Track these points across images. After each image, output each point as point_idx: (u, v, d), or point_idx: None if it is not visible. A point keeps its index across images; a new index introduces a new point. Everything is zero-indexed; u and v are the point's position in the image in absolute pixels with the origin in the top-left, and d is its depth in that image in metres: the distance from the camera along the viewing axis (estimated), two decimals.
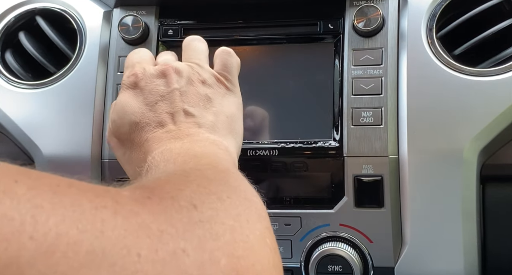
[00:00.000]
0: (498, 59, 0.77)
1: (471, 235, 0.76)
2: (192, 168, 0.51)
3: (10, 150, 0.89)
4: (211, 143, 0.61)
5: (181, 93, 0.65)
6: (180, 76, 0.66)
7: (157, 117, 0.64)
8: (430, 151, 0.75)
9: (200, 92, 0.66)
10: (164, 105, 0.64)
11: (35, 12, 0.91)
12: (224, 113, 0.66)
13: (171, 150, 0.58)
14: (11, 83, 0.87)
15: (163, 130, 0.63)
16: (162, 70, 0.66)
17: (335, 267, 0.74)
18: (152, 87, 0.65)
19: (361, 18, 0.79)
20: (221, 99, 0.67)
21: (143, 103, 0.65)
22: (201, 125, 0.63)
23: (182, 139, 0.61)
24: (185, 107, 0.64)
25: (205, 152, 0.58)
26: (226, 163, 0.56)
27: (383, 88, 0.77)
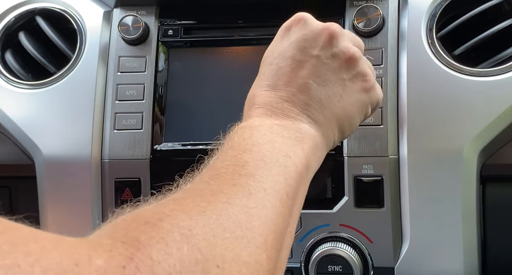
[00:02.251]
0: (498, 59, 0.77)
1: (471, 235, 0.76)
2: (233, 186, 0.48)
3: (10, 150, 0.89)
4: (297, 139, 0.57)
5: (318, 63, 0.62)
6: (334, 46, 0.63)
7: (275, 76, 0.62)
8: (430, 151, 0.75)
9: (338, 75, 0.63)
10: (292, 66, 0.62)
11: (35, 12, 0.91)
12: (343, 108, 0.63)
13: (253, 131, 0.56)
14: (11, 83, 0.87)
15: (272, 95, 0.61)
16: (323, 28, 0.63)
17: (335, 267, 0.74)
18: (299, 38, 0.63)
19: (361, 18, 0.79)
20: (351, 93, 0.64)
21: (279, 51, 0.63)
22: (306, 109, 0.61)
23: (276, 119, 0.59)
24: (308, 81, 0.61)
25: (274, 155, 0.54)
26: (285, 176, 0.53)
27: (383, 88, 0.77)
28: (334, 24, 0.64)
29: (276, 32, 0.83)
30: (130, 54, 0.85)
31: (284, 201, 0.51)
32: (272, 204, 0.49)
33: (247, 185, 0.49)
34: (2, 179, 0.95)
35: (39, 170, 0.83)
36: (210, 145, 0.78)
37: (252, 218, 0.46)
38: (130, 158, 0.81)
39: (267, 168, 0.52)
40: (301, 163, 0.56)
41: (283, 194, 0.51)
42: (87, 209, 0.81)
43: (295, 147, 0.57)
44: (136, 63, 0.84)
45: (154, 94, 0.83)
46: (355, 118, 0.65)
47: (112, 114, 0.82)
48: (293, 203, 0.54)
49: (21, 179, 0.94)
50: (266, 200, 0.48)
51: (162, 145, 0.81)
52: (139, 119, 0.82)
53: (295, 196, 0.54)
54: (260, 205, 0.47)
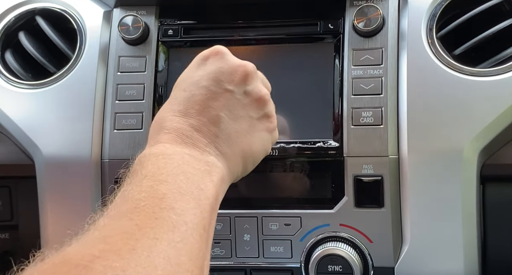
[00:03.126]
0: (498, 59, 0.77)
1: (471, 235, 0.76)
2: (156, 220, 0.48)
3: (10, 150, 0.89)
4: (206, 171, 0.58)
5: (231, 97, 0.64)
6: (247, 84, 0.65)
7: (188, 103, 0.62)
8: (430, 151, 0.75)
9: (249, 112, 0.65)
10: (206, 96, 0.62)
11: (35, 12, 0.91)
12: (249, 146, 0.65)
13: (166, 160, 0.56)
14: (11, 83, 0.87)
15: (183, 121, 0.61)
16: (239, 65, 0.65)
17: (335, 267, 0.74)
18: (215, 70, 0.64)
19: (361, 18, 0.79)
20: (258, 131, 0.66)
21: (193, 80, 0.64)
22: (215, 141, 0.61)
23: (185, 148, 0.59)
24: (220, 113, 0.62)
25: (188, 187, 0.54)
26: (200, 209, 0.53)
27: (383, 88, 0.77)
28: (249, 63, 0.67)
29: (276, 32, 0.84)
30: (130, 54, 0.85)
31: (202, 235, 0.51)
32: (194, 238, 0.49)
33: (169, 218, 0.48)
34: (2, 179, 0.95)
35: (39, 170, 0.83)
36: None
37: (180, 252, 0.46)
38: (130, 158, 0.81)
39: (184, 200, 0.52)
40: (212, 196, 0.56)
41: (201, 228, 0.51)
42: (87, 209, 0.81)
43: (206, 179, 0.57)
44: (136, 63, 0.84)
45: (154, 94, 0.83)
46: (258, 155, 0.67)
47: (112, 114, 0.82)
48: (208, 236, 0.54)
49: (21, 179, 0.94)
50: (189, 234, 0.49)
51: None
52: (139, 119, 0.82)
53: (209, 229, 0.55)
54: (185, 239, 0.48)
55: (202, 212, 0.53)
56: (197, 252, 0.49)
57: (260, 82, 0.68)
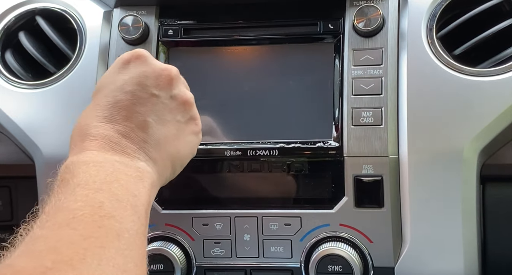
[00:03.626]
0: (498, 59, 0.77)
1: (471, 235, 0.76)
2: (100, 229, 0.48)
3: (10, 150, 0.89)
4: (137, 177, 0.57)
5: (157, 102, 0.63)
6: (172, 88, 0.65)
7: (114, 108, 0.61)
8: (430, 151, 0.75)
9: (175, 116, 0.65)
10: (133, 101, 0.62)
11: (35, 12, 0.91)
12: (176, 149, 0.65)
13: (97, 167, 0.55)
14: (11, 83, 0.87)
15: (109, 127, 0.60)
16: (163, 69, 0.65)
17: (335, 267, 0.74)
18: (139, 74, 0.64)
19: (361, 18, 0.79)
20: (185, 135, 0.67)
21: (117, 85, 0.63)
22: (144, 146, 0.61)
23: (114, 154, 0.58)
24: (147, 119, 0.62)
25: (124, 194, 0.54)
26: (138, 215, 0.53)
27: (383, 88, 0.77)
28: (173, 67, 0.67)
29: (276, 32, 0.84)
30: None
31: (142, 241, 0.52)
32: (137, 244, 0.50)
33: (112, 226, 0.48)
34: (2, 179, 0.95)
35: (39, 170, 0.83)
36: (210, 145, 0.78)
37: (127, 259, 0.47)
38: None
39: (122, 208, 0.52)
40: (146, 201, 0.56)
41: (141, 235, 0.52)
42: None
43: (138, 186, 0.57)
44: None
45: None
46: (186, 158, 0.68)
47: None
48: (144, 240, 0.54)
49: (21, 179, 0.94)
50: (132, 241, 0.49)
51: None
52: None
53: (145, 233, 0.55)
54: (129, 247, 0.48)
55: (140, 219, 0.53)
56: (141, 257, 0.50)
57: (183, 86, 0.69)
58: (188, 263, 0.79)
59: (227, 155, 0.78)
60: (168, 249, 0.77)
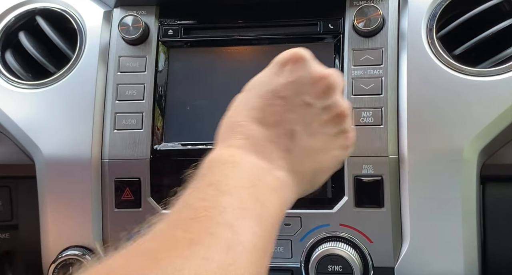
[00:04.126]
0: (498, 59, 0.77)
1: (471, 235, 0.76)
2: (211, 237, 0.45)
3: (10, 150, 0.89)
4: (273, 188, 0.54)
5: (310, 111, 0.60)
6: (329, 98, 0.61)
7: (266, 111, 0.59)
8: (430, 151, 0.75)
9: (326, 129, 0.61)
10: (285, 107, 0.59)
11: (35, 12, 0.91)
12: (320, 163, 0.61)
13: (234, 169, 0.53)
14: (11, 83, 0.87)
15: (258, 131, 0.58)
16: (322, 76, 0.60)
17: (335, 267, 0.74)
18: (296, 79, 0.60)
19: (361, 18, 0.79)
20: (332, 149, 0.62)
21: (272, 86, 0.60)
22: (287, 156, 0.58)
23: (258, 159, 0.56)
24: (296, 128, 0.59)
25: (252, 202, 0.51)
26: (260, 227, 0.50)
27: (383, 88, 0.77)
28: (333, 74, 0.62)
29: (276, 32, 0.84)
30: (130, 54, 0.85)
31: (260, 257, 0.48)
32: (249, 260, 0.46)
33: (224, 237, 0.45)
34: (2, 179, 0.95)
35: (39, 170, 0.83)
36: (210, 145, 0.78)
37: (229, 273, 0.43)
38: (130, 158, 0.81)
39: (246, 218, 0.49)
40: (276, 214, 0.53)
41: (259, 249, 0.48)
42: (87, 209, 0.81)
43: (272, 196, 0.54)
44: (136, 63, 0.84)
45: (154, 94, 0.83)
46: (328, 173, 0.64)
47: (112, 114, 0.82)
48: (265, 256, 0.50)
49: (21, 179, 0.94)
50: (244, 257, 0.45)
51: (162, 145, 0.81)
52: (139, 119, 0.82)
53: (268, 249, 0.51)
54: (237, 262, 0.44)
55: (264, 231, 0.49)
56: (249, 271, 0.45)
57: (340, 95, 0.63)
58: None
59: None
60: None
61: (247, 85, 0.63)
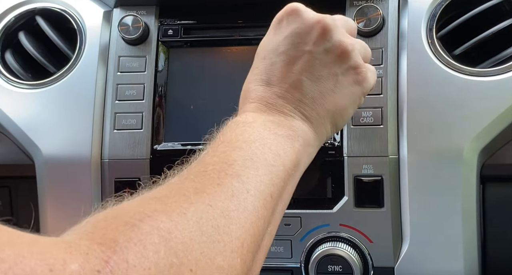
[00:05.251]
0: (498, 59, 0.77)
1: (471, 235, 0.76)
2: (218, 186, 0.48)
3: (10, 150, 0.89)
4: (289, 137, 0.58)
5: (311, 58, 0.61)
6: (327, 40, 0.62)
7: (269, 71, 0.62)
8: (430, 151, 0.75)
9: (331, 70, 0.62)
10: (286, 62, 0.61)
11: (35, 12, 0.91)
12: (335, 104, 0.63)
13: (245, 127, 0.56)
14: (11, 83, 0.87)
15: (266, 90, 0.61)
16: (316, 21, 0.62)
17: (335, 267, 0.74)
18: (292, 32, 0.62)
19: (361, 18, 0.79)
20: (343, 87, 0.63)
21: (272, 46, 0.63)
22: (300, 106, 0.61)
23: (269, 115, 0.59)
24: (301, 77, 0.61)
25: (263, 153, 0.54)
26: (271, 176, 0.53)
27: (383, 88, 0.77)
28: (326, 17, 0.64)
29: None
30: (130, 54, 0.85)
31: (267, 202, 0.51)
32: (254, 206, 0.49)
33: (231, 185, 0.48)
34: (2, 179, 0.95)
35: (39, 170, 0.83)
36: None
37: (231, 221, 0.46)
38: (130, 158, 0.81)
39: (254, 167, 0.52)
40: (290, 162, 0.56)
41: (266, 195, 0.51)
42: (87, 209, 0.81)
43: (286, 145, 0.57)
44: (136, 63, 0.84)
45: (154, 94, 0.83)
46: (348, 111, 0.65)
47: (112, 114, 0.82)
48: (277, 203, 0.54)
49: (21, 179, 0.94)
50: (249, 202, 0.48)
51: (162, 145, 0.81)
52: (139, 119, 0.82)
53: (280, 196, 0.54)
54: (241, 208, 0.47)
55: (273, 179, 0.53)
56: (254, 220, 0.48)
57: (341, 32, 0.64)
58: None
59: None
60: None
61: (257, 51, 0.66)
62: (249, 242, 0.47)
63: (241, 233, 0.46)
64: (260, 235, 0.50)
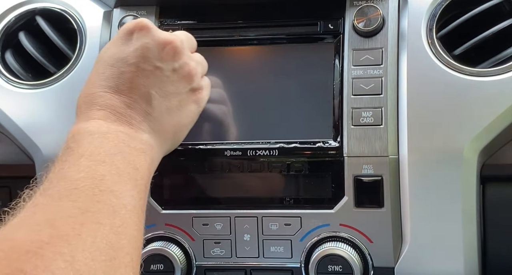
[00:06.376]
0: (498, 59, 0.77)
1: (471, 235, 0.76)
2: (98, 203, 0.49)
3: (10, 150, 0.89)
4: (141, 150, 0.59)
5: (161, 75, 0.64)
6: (176, 61, 0.66)
7: (119, 79, 0.62)
8: (430, 151, 0.75)
9: (178, 88, 0.66)
10: (136, 74, 0.63)
11: (35, 12, 0.91)
12: (179, 119, 0.67)
13: (102, 139, 0.56)
14: (11, 83, 0.87)
15: (115, 98, 0.61)
16: (167, 40, 0.65)
17: (335, 267, 0.74)
18: (142, 47, 0.64)
19: (361, 18, 0.79)
20: (187, 105, 0.68)
21: (120, 56, 0.64)
22: (147, 118, 0.62)
23: (120, 125, 0.59)
24: (150, 91, 0.63)
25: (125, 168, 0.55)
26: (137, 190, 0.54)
27: (383, 88, 0.77)
28: (177, 39, 0.67)
29: (276, 32, 0.84)
30: None
31: (140, 217, 0.53)
32: (133, 221, 0.51)
33: (110, 202, 0.49)
34: (2, 179, 0.95)
35: (39, 170, 0.83)
36: (210, 145, 0.78)
37: (120, 236, 0.47)
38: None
39: (122, 182, 0.53)
40: (146, 175, 0.58)
41: (139, 210, 0.53)
42: None
43: (140, 159, 0.58)
44: None
45: None
46: (187, 127, 0.70)
47: None
48: (143, 215, 0.55)
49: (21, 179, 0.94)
50: (128, 217, 0.50)
51: None
52: None
53: (143, 210, 0.56)
54: (125, 223, 0.49)
55: (139, 193, 0.54)
56: (135, 234, 0.50)
57: (188, 56, 0.69)
58: (188, 263, 0.79)
59: (227, 155, 0.78)
60: (168, 249, 0.77)
61: (97, 57, 0.67)
62: (136, 256, 0.49)
63: (129, 248, 0.48)
64: (140, 249, 0.52)
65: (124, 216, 0.50)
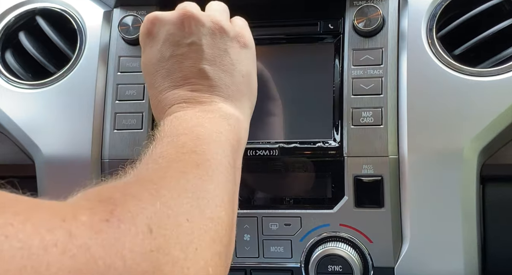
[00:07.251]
0: (498, 59, 0.77)
1: (471, 235, 0.76)
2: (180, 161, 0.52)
3: (10, 150, 0.89)
4: (221, 117, 0.61)
5: (198, 47, 0.64)
6: (200, 25, 0.65)
7: (170, 76, 0.64)
8: (430, 151, 0.75)
9: (220, 47, 0.65)
10: (179, 61, 0.64)
11: (35, 12, 0.91)
12: (241, 72, 0.66)
13: (180, 120, 0.59)
14: (11, 83, 0.87)
15: (177, 91, 0.63)
16: (180, 15, 0.65)
17: (335, 267, 0.74)
18: (166, 36, 0.65)
19: (361, 18, 0.79)
20: (238, 55, 0.67)
21: (157, 57, 0.65)
22: (215, 90, 0.63)
23: (194, 107, 0.61)
24: (201, 67, 0.64)
25: (207, 133, 0.57)
26: (222, 148, 0.57)
27: (383, 88, 0.77)
28: (186, 7, 0.66)
29: (276, 32, 0.84)
30: (130, 54, 0.85)
31: (228, 169, 0.55)
32: (220, 171, 0.53)
33: (191, 159, 0.52)
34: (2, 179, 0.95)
35: (39, 170, 0.83)
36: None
37: (206, 183, 0.50)
38: (130, 158, 0.81)
39: (204, 144, 0.55)
40: (232, 137, 0.59)
41: (225, 163, 0.55)
42: None
43: (222, 124, 0.60)
44: (136, 63, 0.84)
45: None
46: (253, 73, 0.69)
47: (112, 114, 0.82)
48: (235, 171, 0.57)
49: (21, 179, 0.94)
50: (214, 169, 0.52)
51: None
52: (139, 119, 0.82)
53: (235, 165, 0.58)
54: (209, 173, 0.51)
55: (224, 151, 0.56)
56: (224, 181, 0.52)
57: (205, 14, 0.68)
58: None
59: None
60: None
61: (143, 72, 0.69)
62: (227, 199, 0.51)
63: (218, 191, 0.50)
64: (233, 196, 0.54)
65: (209, 167, 0.52)
